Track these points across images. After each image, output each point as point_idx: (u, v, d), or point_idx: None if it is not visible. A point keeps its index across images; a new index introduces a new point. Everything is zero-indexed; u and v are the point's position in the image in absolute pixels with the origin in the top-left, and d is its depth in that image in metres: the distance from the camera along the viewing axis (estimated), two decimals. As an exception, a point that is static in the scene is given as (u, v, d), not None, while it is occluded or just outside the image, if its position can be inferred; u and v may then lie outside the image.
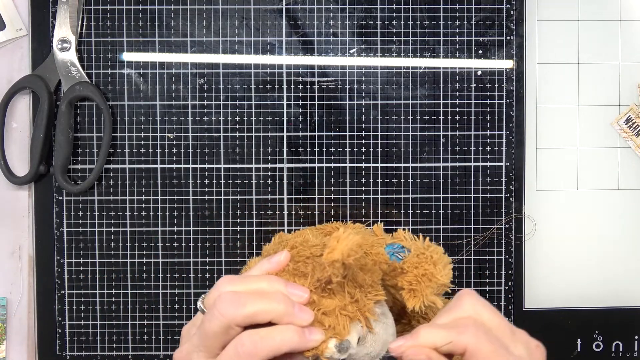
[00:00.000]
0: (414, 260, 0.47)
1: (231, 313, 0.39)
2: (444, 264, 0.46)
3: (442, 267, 0.46)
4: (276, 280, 0.42)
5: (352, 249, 0.40)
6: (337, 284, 0.43)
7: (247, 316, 0.39)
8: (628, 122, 0.61)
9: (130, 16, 0.60)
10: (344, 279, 0.43)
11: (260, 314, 0.40)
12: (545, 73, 0.61)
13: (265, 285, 0.42)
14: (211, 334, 0.40)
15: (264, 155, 0.61)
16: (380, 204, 0.61)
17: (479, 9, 0.61)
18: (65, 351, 0.61)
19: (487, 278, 0.61)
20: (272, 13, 0.61)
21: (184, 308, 0.61)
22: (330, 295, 0.43)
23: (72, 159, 0.60)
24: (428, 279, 0.45)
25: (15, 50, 0.60)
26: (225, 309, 0.40)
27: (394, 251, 0.50)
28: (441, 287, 0.46)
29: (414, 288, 0.45)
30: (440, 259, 0.46)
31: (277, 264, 0.44)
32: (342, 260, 0.40)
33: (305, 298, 0.41)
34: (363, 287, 0.44)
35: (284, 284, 0.42)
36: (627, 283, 0.62)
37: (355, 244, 0.41)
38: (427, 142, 0.61)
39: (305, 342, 0.40)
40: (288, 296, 0.41)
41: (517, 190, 0.61)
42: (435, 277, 0.45)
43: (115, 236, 0.61)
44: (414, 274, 0.46)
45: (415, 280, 0.45)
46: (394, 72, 0.61)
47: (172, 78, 0.60)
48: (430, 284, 0.45)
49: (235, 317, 0.39)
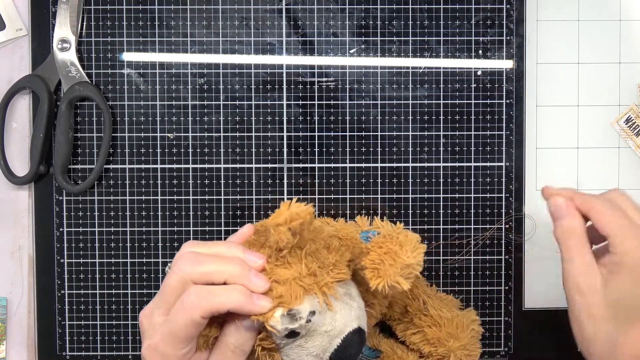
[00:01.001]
0: (380, 240, 0.46)
1: (188, 269, 0.42)
2: (412, 246, 0.45)
3: (409, 249, 0.44)
4: (234, 245, 0.44)
5: (298, 214, 0.41)
6: (289, 252, 0.43)
7: (202, 273, 0.42)
8: (628, 122, 0.61)
9: (130, 16, 0.60)
10: (300, 249, 0.43)
11: (215, 273, 0.42)
12: (545, 73, 0.61)
13: (224, 249, 0.44)
14: (169, 289, 0.42)
15: (264, 155, 0.61)
16: (380, 204, 0.61)
17: (479, 9, 0.61)
18: (65, 351, 0.61)
19: (487, 278, 0.61)
20: (272, 13, 0.61)
21: (184, 308, 0.61)
22: (286, 265, 0.43)
23: (72, 159, 0.60)
24: (392, 258, 0.44)
25: (15, 50, 0.61)
26: (183, 265, 0.42)
27: (367, 236, 0.49)
28: (406, 267, 0.44)
29: (377, 267, 0.44)
30: (408, 241, 0.45)
31: (239, 236, 0.46)
32: (286, 224, 0.41)
33: (260, 264, 0.43)
34: (325, 263, 0.44)
35: (242, 250, 0.44)
36: (627, 283, 0.62)
37: (303, 211, 0.41)
38: (427, 142, 0.61)
39: (250, 305, 0.41)
40: (245, 261, 0.43)
41: (517, 190, 0.61)
42: (399, 257, 0.44)
43: (115, 236, 0.61)
44: (377, 253, 0.45)
45: (379, 259, 0.45)
46: (394, 72, 0.61)
47: (172, 78, 0.60)
48: (394, 263, 0.44)
49: (192, 273, 0.42)
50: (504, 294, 0.61)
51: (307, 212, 0.41)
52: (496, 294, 0.61)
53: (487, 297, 0.61)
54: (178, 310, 0.41)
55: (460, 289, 0.61)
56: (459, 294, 0.61)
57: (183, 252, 0.44)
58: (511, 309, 0.62)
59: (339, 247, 0.46)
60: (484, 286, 0.61)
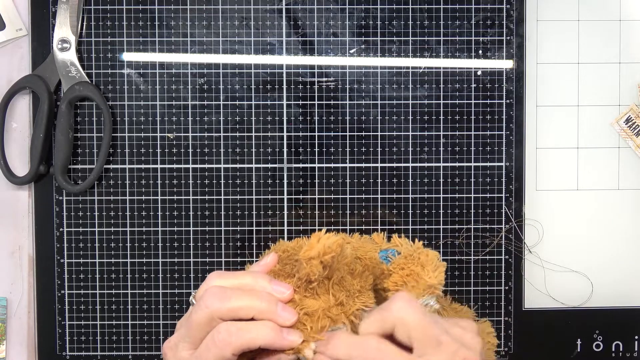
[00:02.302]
0: (401, 262, 0.46)
1: (216, 306, 0.41)
2: (433, 266, 0.45)
3: (430, 269, 0.45)
4: (261, 277, 0.44)
5: (330, 247, 0.41)
6: (319, 284, 0.43)
7: (230, 309, 0.41)
8: (628, 122, 0.61)
9: (130, 16, 0.60)
10: (328, 280, 0.44)
11: (243, 309, 0.41)
12: (545, 73, 0.61)
13: (251, 281, 0.43)
14: (196, 325, 0.42)
15: (264, 155, 0.61)
16: (380, 204, 0.61)
17: (479, 9, 0.61)
18: (65, 351, 0.61)
19: (487, 278, 0.61)
20: (272, 13, 0.61)
21: (184, 308, 0.61)
22: (314, 296, 0.43)
23: (72, 159, 0.60)
24: (414, 279, 0.44)
25: (15, 50, 0.60)
26: (210, 301, 0.41)
27: (387, 255, 0.49)
28: (429, 288, 0.44)
29: (399, 289, 0.45)
30: (430, 261, 0.45)
31: (264, 266, 0.46)
32: (319, 258, 0.41)
33: (288, 294, 0.43)
34: (350, 291, 0.44)
35: (268, 280, 0.43)
36: (627, 283, 0.62)
37: (334, 243, 0.41)
38: (427, 142, 0.61)
39: (280, 340, 0.41)
40: (272, 294, 0.42)
41: (517, 190, 0.61)
42: (422, 278, 0.44)
43: (115, 236, 0.61)
44: (400, 275, 0.45)
45: (401, 281, 0.45)
46: (394, 72, 0.61)
47: (172, 78, 0.60)
48: (416, 285, 0.44)
49: (219, 310, 0.41)
50: (504, 294, 0.61)
51: (338, 244, 0.41)
52: (496, 294, 0.61)
53: (487, 297, 0.61)
54: (208, 347, 0.41)
55: (460, 289, 0.61)
56: (459, 294, 0.61)
57: (209, 286, 0.43)
58: (511, 309, 0.62)
59: (362, 271, 0.46)
60: (484, 286, 0.61)
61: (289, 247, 0.48)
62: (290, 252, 0.47)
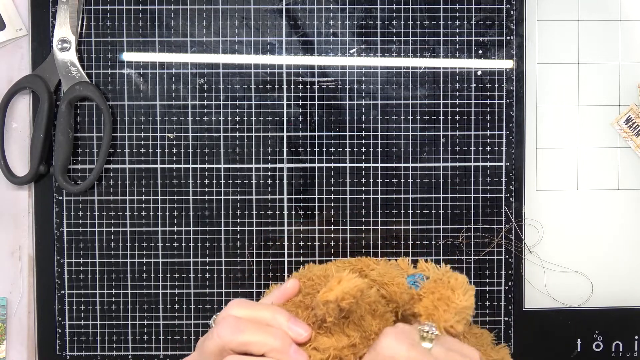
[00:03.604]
0: (431, 286, 0.45)
1: (228, 337, 0.41)
2: (463, 289, 0.44)
3: (461, 292, 0.44)
4: (280, 312, 0.43)
5: (349, 293, 0.40)
6: (332, 324, 0.43)
7: (241, 343, 0.41)
8: (628, 122, 0.61)
9: (130, 16, 0.60)
10: (345, 319, 0.43)
11: (255, 344, 0.41)
12: (545, 73, 0.61)
13: (269, 315, 0.42)
14: (207, 352, 0.42)
15: (264, 155, 0.61)
16: (380, 204, 0.61)
17: (479, 9, 0.61)
18: (65, 351, 0.61)
19: (487, 278, 0.61)
20: (272, 13, 0.61)
21: (184, 308, 0.61)
22: (327, 334, 0.43)
23: (72, 159, 0.60)
24: (445, 303, 0.44)
25: (15, 50, 0.60)
26: (223, 331, 0.41)
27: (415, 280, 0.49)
28: (462, 311, 0.44)
29: (432, 313, 0.44)
30: (459, 284, 0.45)
31: (284, 291, 0.45)
32: (336, 302, 0.40)
33: (305, 337, 0.42)
34: (367, 332, 0.44)
35: (287, 318, 0.42)
36: (627, 283, 0.62)
37: (354, 288, 0.40)
38: (427, 142, 0.61)
39: None
40: (287, 334, 0.42)
41: (517, 190, 0.61)
42: (453, 302, 0.44)
43: (115, 236, 0.61)
44: (430, 299, 0.44)
45: (432, 306, 0.44)
46: (394, 72, 0.61)
47: (172, 78, 0.60)
48: (448, 308, 0.44)
49: (231, 342, 0.41)
50: (504, 294, 0.61)
51: (359, 289, 0.41)
52: (496, 294, 0.61)
53: (487, 297, 0.61)
54: None
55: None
56: (459, 294, 0.61)
57: (226, 315, 0.43)
58: (511, 309, 0.62)
59: (384, 312, 0.46)
60: (484, 286, 0.61)
61: (315, 275, 0.47)
62: (315, 281, 0.46)
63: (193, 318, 0.61)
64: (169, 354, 0.61)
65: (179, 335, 0.61)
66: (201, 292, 0.61)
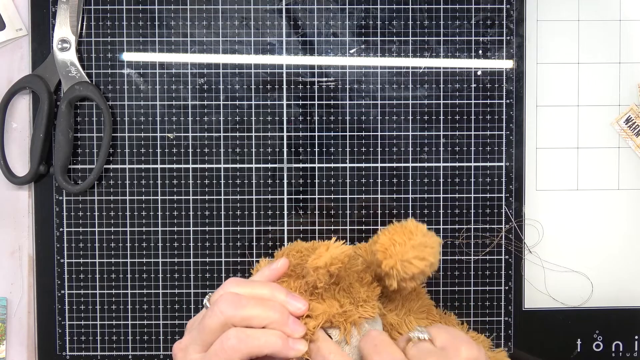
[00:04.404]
0: (390, 227, 0.46)
1: (230, 312, 0.42)
2: (423, 232, 0.45)
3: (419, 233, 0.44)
4: (278, 289, 0.44)
5: (337, 258, 0.42)
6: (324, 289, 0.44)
7: (243, 318, 0.42)
8: (628, 122, 0.61)
9: (130, 16, 0.60)
10: (336, 285, 0.44)
11: (256, 318, 0.42)
12: (545, 73, 0.61)
13: (267, 292, 0.44)
14: (208, 329, 0.42)
15: (264, 155, 0.61)
16: (380, 204, 0.61)
17: (479, 9, 0.61)
18: (65, 351, 0.61)
19: (487, 278, 0.61)
20: (272, 13, 0.61)
21: (184, 308, 0.61)
22: (319, 300, 0.44)
23: (72, 159, 0.60)
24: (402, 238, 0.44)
25: (15, 50, 0.60)
26: (225, 307, 0.42)
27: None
28: (419, 247, 0.44)
29: (387, 249, 0.44)
30: (419, 230, 0.45)
31: (275, 271, 0.47)
32: (326, 267, 0.42)
33: (303, 310, 0.44)
34: (356, 299, 0.45)
35: (285, 294, 0.44)
36: (627, 283, 0.62)
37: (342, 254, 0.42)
38: (427, 142, 0.61)
39: (287, 350, 0.42)
40: (285, 307, 0.43)
41: (517, 190, 0.61)
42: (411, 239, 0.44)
43: (115, 236, 0.61)
44: (387, 237, 0.45)
45: (389, 242, 0.44)
46: (394, 72, 0.61)
47: (172, 78, 0.60)
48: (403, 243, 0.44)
49: (233, 317, 0.42)
50: (504, 294, 0.61)
51: (346, 254, 0.42)
52: (496, 294, 0.61)
53: (487, 297, 0.61)
54: (217, 351, 0.42)
55: (460, 289, 0.61)
56: (459, 294, 0.61)
57: (225, 292, 0.44)
58: (511, 309, 0.62)
59: (371, 281, 0.47)
60: (484, 286, 0.61)
61: (303, 248, 0.48)
62: (303, 253, 0.47)
63: (193, 318, 0.61)
64: (169, 354, 0.61)
65: (178, 335, 0.61)
66: (201, 292, 0.61)
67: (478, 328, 0.61)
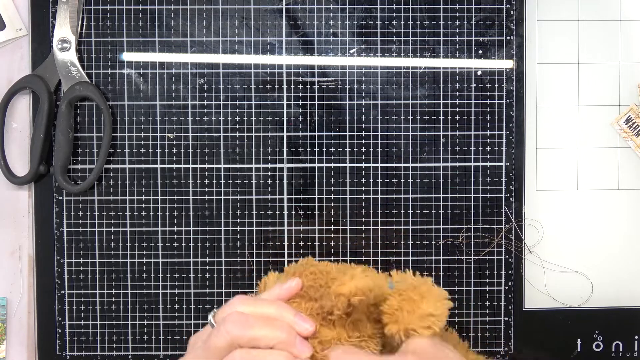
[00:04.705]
0: (401, 288, 0.46)
1: (237, 333, 0.42)
2: (434, 299, 0.45)
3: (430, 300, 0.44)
4: (285, 308, 0.44)
5: (361, 290, 0.42)
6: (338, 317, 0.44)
7: (251, 339, 0.42)
8: (628, 122, 0.61)
9: (130, 16, 0.60)
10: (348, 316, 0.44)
11: (263, 339, 0.42)
12: (545, 73, 0.61)
13: (275, 311, 0.44)
14: (214, 348, 0.42)
15: (264, 155, 0.61)
16: (380, 204, 0.61)
17: (479, 9, 0.61)
18: (65, 351, 0.61)
19: (487, 278, 0.61)
20: (272, 13, 0.61)
21: (184, 308, 0.61)
22: (330, 327, 0.44)
23: (72, 159, 0.60)
24: (410, 305, 0.44)
25: (15, 50, 0.60)
26: (232, 328, 0.42)
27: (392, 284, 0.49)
28: (426, 318, 0.44)
29: (394, 312, 0.44)
30: (432, 294, 0.45)
31: (287, 291, 0.46)
32: (348, 296, 0.42)
33: (310, 331, 0.44)
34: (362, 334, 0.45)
35: (293, 314, 0.44)
36: (627, 283, 0.62)
37: (366, 286, 0.42)
38: (427, 142, 0.61)
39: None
40: (293, 327, 0.43)
41: (517, 190, 0.61)
42: (419, 307, 0.44)
43: (115, 236, 0.61)
44: (397, 300, 0.45)
45: (397, 305, 0.44)
46: (394, 72, 0.61)
47: (172, 78, 0.60)
48: (411, 310, 0.44)
49: (240, 338, 0.42)
50: (504, 294, 0.61)
51: (370, 289, 0.42)
52: (496, 294, 0.61)
53: (487, 297, 0.61)
54: None
55: (460, 289, 0.61)
56: (459, 294, 0.61)
57: (232, 312, 0.43)
58: (511, 309, 0.62)
59: (377, 319, 0.47)
60: (484, 286, 0.61)
61: (317, 270, 0.48)
62: (317, 276, 0.47)
63: (193, 318, 0.61)
64: (169, 354, 0.61)
65: (179, 335, 0.61)
66: (201, 292, 0.61)
67: (478, 328, 0.61)
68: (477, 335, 0.61)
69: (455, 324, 0.61)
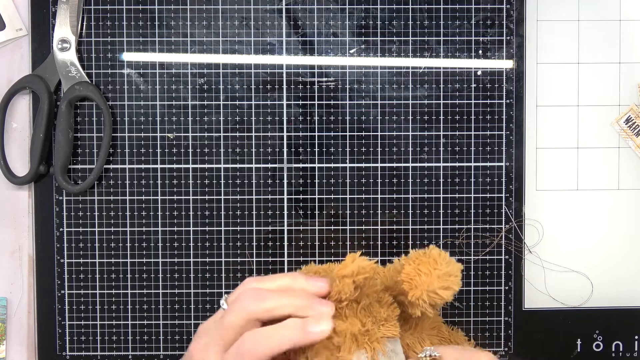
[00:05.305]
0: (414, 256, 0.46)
1: (253, 307, 0.41)
2: (446, 261, 0.45)
3: (443, 261, 0.44)
4: (296, 276, 0.43)
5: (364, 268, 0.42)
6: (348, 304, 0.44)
7: (267, 310, 0.41)
8: (628, 122, 0.61)
9: (130, 16, 0.60)
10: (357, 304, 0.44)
11: (279, 308, 0.41)
12: (545, 73, 0.61)
13: (288, 280, 0.43)
14: (230, 326, 0.41)
15: (264, 155, 0.61)
16: (380, 204, 0.61)
17: (479, 9, 0.61)
18: (65, 351, 0.61)
19: (487, 278, 0.61)
20: (272, 13, 0.61)
21: (184, 308, 0.61)
22: (342, 318, 0.44)
23: (72, 159, 0.60)
24: (427, 268, 0.44)
25: (15, 50, 0.60)
26: (247, 302, 0.41)
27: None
28: (445, 277, 0.44)
29: (413, 278, 0.44)
30: (442, 257, 0.45)
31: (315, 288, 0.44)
32: (352, 277, 0.42)
33: (326, 289, 0.42)
34: (377, 318, 0.45)
35: (305, 279, 0.43)
36: (627, 283, 0.62)
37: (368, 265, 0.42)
38: (427, 142, 0.61)
39: (308, 336, 0.40)
40: (309, 291, 0.42)
41: (517, 190, 0.61)
42: (435, 268, 0.44)
43: (115, 236, 0.61)
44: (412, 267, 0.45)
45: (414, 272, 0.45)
46: (394, 72, 0.61)
47: (172, 78, 0.60)
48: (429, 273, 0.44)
49: (256, 311, 0.41)
50: (504, 294, 0.61)
51: (372, 267, 0.42)
52: (496, 294, 0.61)
53: (487, 297, 0.61)
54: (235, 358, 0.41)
55: (460, 288, 0.61)
56: (459, 294, 0.61)
57: (245, 289, 0.43)
58: (511, 309, 0.62)
59: (390, 302, 0.47)
60: (484, 286, 0.61)
61: (320, 269, 0.48)
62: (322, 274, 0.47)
63: (193, 318, 0.61)
64: (169, 354, 0.61)
65: (179, 335, 0.61)
66: (201, 292, 0.61)
67: (478, 328, 0.61)
68: (477, 335, 0.61)
69: (455, 323, 0.61)
